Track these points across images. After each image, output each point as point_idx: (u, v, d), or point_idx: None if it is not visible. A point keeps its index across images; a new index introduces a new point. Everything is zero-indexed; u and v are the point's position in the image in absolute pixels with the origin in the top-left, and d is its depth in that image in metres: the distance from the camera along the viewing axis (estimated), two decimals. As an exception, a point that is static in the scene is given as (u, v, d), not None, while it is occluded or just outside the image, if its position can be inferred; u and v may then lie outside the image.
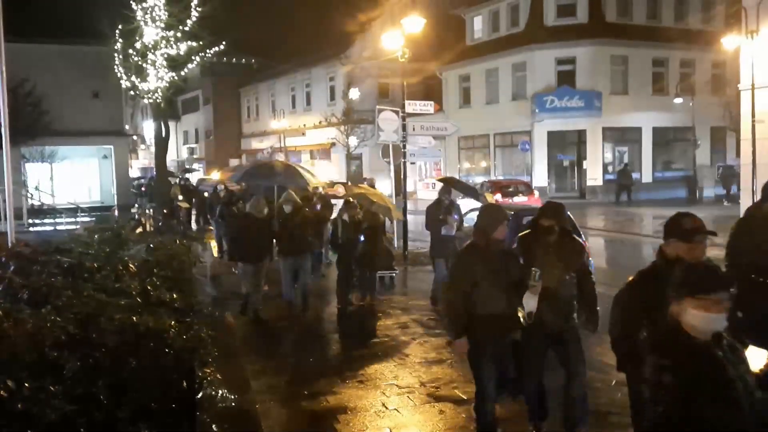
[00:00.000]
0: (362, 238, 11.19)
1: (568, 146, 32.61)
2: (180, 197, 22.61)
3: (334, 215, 13.20)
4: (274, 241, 11.16)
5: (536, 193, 25.45)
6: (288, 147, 43.78)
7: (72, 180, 28.52)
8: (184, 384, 4.40)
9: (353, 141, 37.44)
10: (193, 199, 23.44)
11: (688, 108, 30.56)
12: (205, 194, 21.46)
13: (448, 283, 5.52)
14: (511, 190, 24.80)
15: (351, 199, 11.97)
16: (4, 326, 4.19)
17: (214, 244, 17.67)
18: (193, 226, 22.75)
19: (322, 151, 42.30)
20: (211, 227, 19.70)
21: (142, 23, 22.38)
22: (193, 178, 41.60)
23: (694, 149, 31.59)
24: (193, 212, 23.46)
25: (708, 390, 2.71)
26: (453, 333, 5.53)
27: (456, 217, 10.90)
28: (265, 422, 6.31)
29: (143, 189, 35.21)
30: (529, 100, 31.61)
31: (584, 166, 31.66)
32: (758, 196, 22.27)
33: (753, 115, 21.39)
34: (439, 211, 10.83)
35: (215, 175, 35.25)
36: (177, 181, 31.04)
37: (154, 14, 22.29)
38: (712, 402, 2.71)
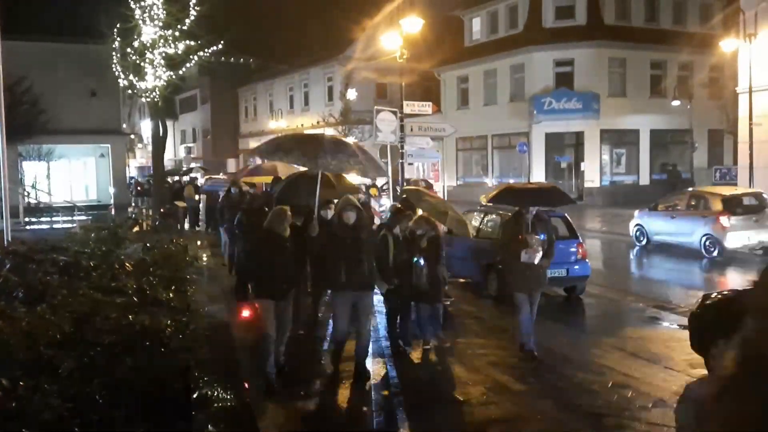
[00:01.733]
0: (422, 262, 8.33)
1: (566, 148, 32.58)
2: (196, 197, 22.35)
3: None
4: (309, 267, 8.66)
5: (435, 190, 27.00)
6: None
7: (69, 178, 28.47)
8: (180, 383, 4.42)
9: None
10: (200, 201, 22.70)
11: (685, 111, 30.56)
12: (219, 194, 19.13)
13: None
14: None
15: (401, 206, 9.25)
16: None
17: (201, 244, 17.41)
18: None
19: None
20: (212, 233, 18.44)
21: (140, 22, 22.30)
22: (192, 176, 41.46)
23: (691, 152, 31.61)
24: (202, 215, 22.78)
25: None
26: None
27: (543, 236, 8.21)
28: (260, 422, 6.28)
29: (145, 188, 35.12)
30: (528, 102, 31.58)
31: (582, 168, 31.65)
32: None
33: (750, 118, 21.45)
34: (519, 229, 8.18)
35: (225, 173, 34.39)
36: (175, 180, 30.92)
37: (152, 13, 22.21)
38: None
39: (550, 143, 31.93)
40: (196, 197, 22.85)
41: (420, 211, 9.27)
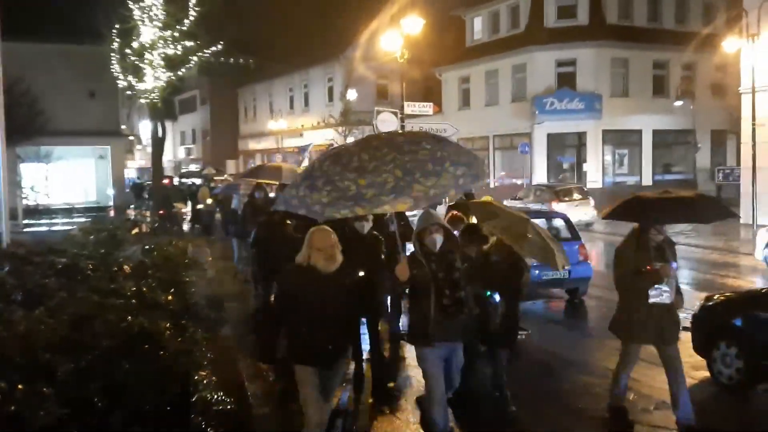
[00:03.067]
0: (497, 297, 6.38)
1: (568, 149, 32.47)
2: (209, 201, 21.71)
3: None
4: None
5: None
6: (286, 148, 43.66)
7: (68, 180, 28.38)
8: (179, 387, 4.41)
9: (351, 142, 37.26)
10: (217, 208, 20.87)
11: (688, 111, 30.47)
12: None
13: None
14: None
15: (461, 216, 7.44)
16: (-4, 327, 4.24)
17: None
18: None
19: (320, 153, 42.21)
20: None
21: (139, 23, 22.21)
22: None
23: (694, 152, 31.49)
24: (218, 219, 21.28)
25: None
26: None
27: (675, 266, 6.02)
28: (260, 425, 6.26)
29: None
30: (529, 102, 31.46)
31: (584, 169, 31.53)
32: (760, 200, 22.22)
33: (753, 119, 21.37)
34: (646, 255, 5.91)
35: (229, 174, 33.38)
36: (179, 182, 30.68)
37: (151, 14, 22.11)
38: None
39: (552, 144, 31.81)
40: (209, 201, 21.96)
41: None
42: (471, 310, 5.52)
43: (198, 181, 37.14)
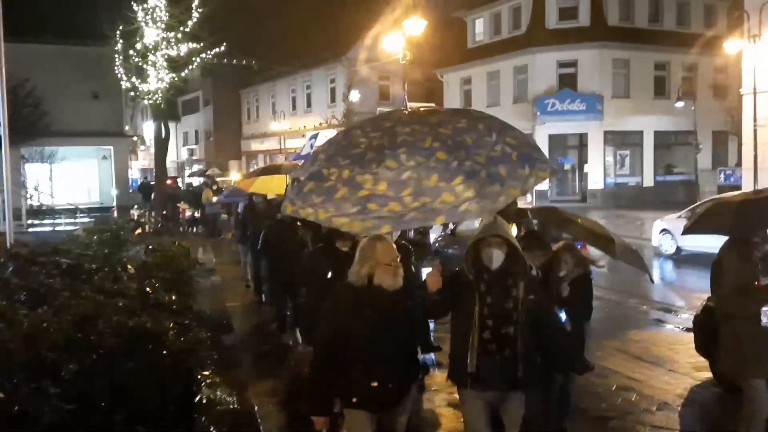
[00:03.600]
0: (562, 316, 5.48)
1: (569, 149, 32.53)
2: (214, 199, 21.62)
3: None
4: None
5: None
6: (288, 149, 43.70)
7: (71, 181, 28.50)
8: (182, 386, 4.43)
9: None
10: (222, 208, 20.96)
11: (689, 112, 30.50)
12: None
13: None
14: None
15: (532, 231, 6.70)
16: (0, 327, 4.21)
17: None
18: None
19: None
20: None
21: (143, 24, 22.32)
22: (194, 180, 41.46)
23: (695, 153, 31.53)
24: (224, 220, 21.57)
25: None
26: None
27: None
28: (264, 425, 6.24)
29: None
30: (531, 103, 31.53)
31: (585, 170, 31.59)
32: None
33: (755, 120, 21.43)
34: (751, 270, 4.95)
35: (235, 175, 32.95)
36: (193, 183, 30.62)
37: (155, 15, 22.23)
38: None
39: (553, 145, 31.83)
40: (214, 199, 21.83)
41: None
42: (527, 355, 4.17)
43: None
